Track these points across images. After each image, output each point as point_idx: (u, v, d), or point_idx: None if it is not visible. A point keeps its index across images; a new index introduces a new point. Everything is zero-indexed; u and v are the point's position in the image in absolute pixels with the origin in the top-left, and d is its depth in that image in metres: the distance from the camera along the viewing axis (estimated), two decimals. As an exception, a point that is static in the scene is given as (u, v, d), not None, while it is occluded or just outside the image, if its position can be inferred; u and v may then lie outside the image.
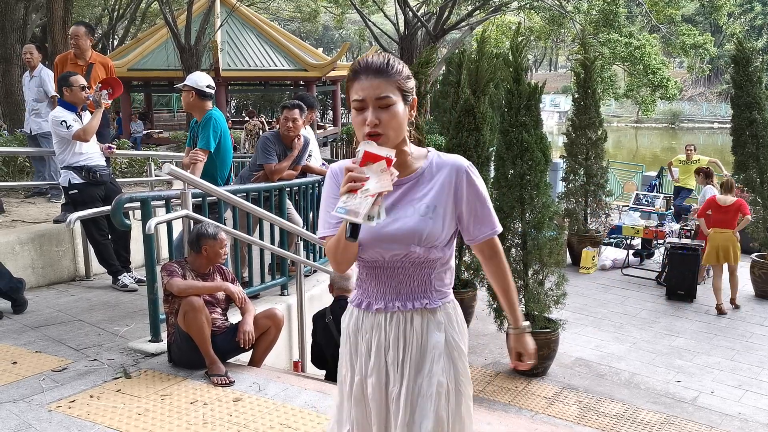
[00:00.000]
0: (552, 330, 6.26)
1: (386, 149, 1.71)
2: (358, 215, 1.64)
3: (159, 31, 18.50)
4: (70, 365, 3.89)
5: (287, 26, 34.23)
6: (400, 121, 1.82)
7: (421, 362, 1.91)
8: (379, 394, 1.94)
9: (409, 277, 1.91)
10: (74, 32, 6.50)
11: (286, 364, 4.91)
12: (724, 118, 40.06)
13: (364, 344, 1.97)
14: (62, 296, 5.41)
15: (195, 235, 3.94)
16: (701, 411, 5.63)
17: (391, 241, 1.86)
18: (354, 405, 2.00)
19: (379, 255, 1.90)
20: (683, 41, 19.89)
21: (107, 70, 6.66)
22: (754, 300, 8.65)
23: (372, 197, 1.64)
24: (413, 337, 1.91)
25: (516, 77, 6.59)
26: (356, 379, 1.99)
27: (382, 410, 1.95)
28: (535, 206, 6.42)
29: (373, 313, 1.96)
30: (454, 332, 1.94)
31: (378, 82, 1.79)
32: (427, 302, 1.92)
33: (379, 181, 1.66)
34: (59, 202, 6.96)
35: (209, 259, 3.93)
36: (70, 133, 5.16)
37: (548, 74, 56.88)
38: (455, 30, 21.82)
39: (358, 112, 1.81)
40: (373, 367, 1.95)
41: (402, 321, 1.92)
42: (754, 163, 8.80)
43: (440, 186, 1.88)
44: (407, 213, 1.87)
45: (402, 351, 1.92)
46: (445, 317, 1.94)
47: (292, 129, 5.26)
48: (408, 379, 1.90)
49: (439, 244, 1.88)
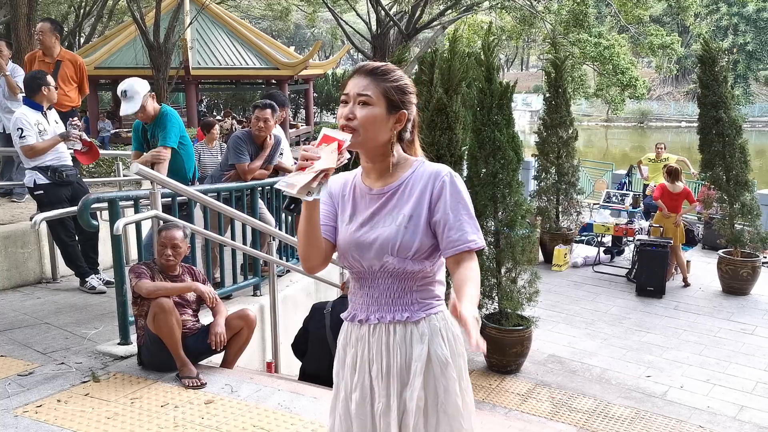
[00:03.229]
0: (525, 327, 6.30)
1: (343, 133, 1.75)
2: (294, 188, 1.66)
3: (127, 29, 18.21)
4: (37, 369, 3.81)
5: (258, 24, 33.98)
6: (375, 124, 1.81)
7: (406, 376, 1.87)
8: (362, 411, 1.91)
9: (389, 288, 1.89)
10: (39, 29, 6.36)
11: (259, 365, 4.86)
12: (691, 117, 40.75)
13: (350, 358, 1.95)
14: (28, 299, 5.29)
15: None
16: (671, 405, 5.72)
17: (366, 250, 1.85)
18: (340, 422, 1.97)
19: (357, 263, 1.89)
20: (651, 41, 20.21)
21: (77, 67, 6.52)
22: (722, 296, 8.82)
23: (314, 173, 1.67)
24: (397, 351, 1.87)
25: (488, 76, 6.62)
26: (342, 395, 1.97)
27: (365, 427, 1.91)
28: (508, 205, 6.45)
29: (357, 325, 1.94)
30: (438, 346, 1.86)
31: (366, 81, 1.83)
32: (408, 315, 1.88)
33: (326, 160, 1.69)
34: (21, 201, 6.81)
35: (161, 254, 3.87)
36: (21, 143, 5.02)
37: (520, 73, 57.36)
38: (427, 29, 21.86)
39: (343, 106, 1.85)
40: (357, 382, 1.92)
41: (384, 334, 1.89)
42: (721, 161, 8.95)
43: (418, 195, 1.85)
44: (385, 222, 1.86)
45: (385, 364, 1.87)
46: (429, 329, 1.87)
47: (264, 129, 5.21)
48: (395, 395, 1.86)
49: (416, 257, 1.83)
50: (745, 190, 8.89)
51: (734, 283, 8.81)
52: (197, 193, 4.45)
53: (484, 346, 1.56)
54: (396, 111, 1.85)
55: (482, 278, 6.34)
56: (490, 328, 6.29)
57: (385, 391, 1.87)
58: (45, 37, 6.26)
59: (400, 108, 1.85)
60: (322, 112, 28.72)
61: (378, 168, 1.90)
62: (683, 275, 9.24)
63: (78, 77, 6.55)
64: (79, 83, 6.58)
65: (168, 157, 4.79)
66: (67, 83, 6.42)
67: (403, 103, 1.86)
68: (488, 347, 6.36)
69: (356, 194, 1.94)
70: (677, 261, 9.27)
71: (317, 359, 4.24)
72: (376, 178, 1.91)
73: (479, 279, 1.82)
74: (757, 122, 42.39)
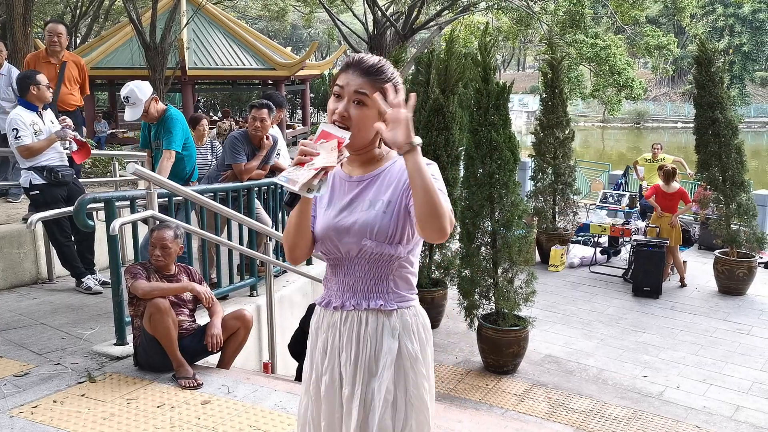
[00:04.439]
0: (522, 327, 6.31)
1: (342, 131, 1.77)
2: (296, 184, 1.68)
3: (123, 29, 18.17)
4: (33, 370, 3.80)
5: (255, 25, 33.96)
6: (369, 125, 1.83)
7: (374, 367, 1.89)
8: (332, 395, 1.94)
9: (366, 274, 1.91)
10: (55, 30, 6.27)
11: (255, 366, 4.86)
12: (687, 117, 40.88)
13: (321, 343, 1.98)
14: (24, 299, 5.27)
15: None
16: (667, 405, 5.73)
17: (344, 233, 1.88)
18: (311, 402, 2.00)
19: (334, 248, 1.92)
20: (647, 42, 20.24)
21: (79, 68, 6.55)
22: (718, 296, 8.83)
23: (315, 170, 1.69)
24: (367, 341, 1.90)
25: (484, 77, 6.62)
26: (313, 377, 2.00)
27: (334, 410, 1.94)
28: (504, 205, 6.45)
29: (330, 312, 1.97)
30: (408, 340, 1.90)
31: (362, 80, 1.83)
32: (383, 303, 1.90)
33: (327, 158, 1.71)
34: (17, 201, 6.80)
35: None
36: (17, 144, 5.02)
37: (516, 74, 57.42)
38: (424, 30, 21.89)
39: (335, 99, 1.85)
40: (327, 366, 1.95)
41: (356, 322, 1.92)
42: (717, 162, 8.96)
43: (397, 183, 1.88)
44: (363, 207, 1.88)
45: (354, 354, 1.90)
46: (400, 323, 1.91)
47: (260, 129, 5.22)
48: (361, 383, 1.89)
49: (392, 240, 1.86)
50: (741, 191, 8.90)
51: (730, 283, 8.83)
52: (194, 193, 4.45)
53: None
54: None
55: (479, 279, 6.34)
56: (486, 329, 6.29)
57: (352, 379, 1.90)
58: (62, 39, 6.28)
59: None
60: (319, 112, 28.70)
61: (362, 159, 1.94)
62: (680, 276, 9.25)
63: (81, 78, 6.58)
64: (81, 84, 6.61)
65: (173, 161, 4.86)
66: (72, 83, 6.47)
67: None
68: (485, 347, 6.39)
69: (335, 181, 1.98)
70: (675, 262, 9.28)
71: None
72: (358, 166, 1.95)
73: (442, 195, 1.71)
74: (753, 123, 42.51)
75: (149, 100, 4.97)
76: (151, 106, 4.99)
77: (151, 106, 4.99)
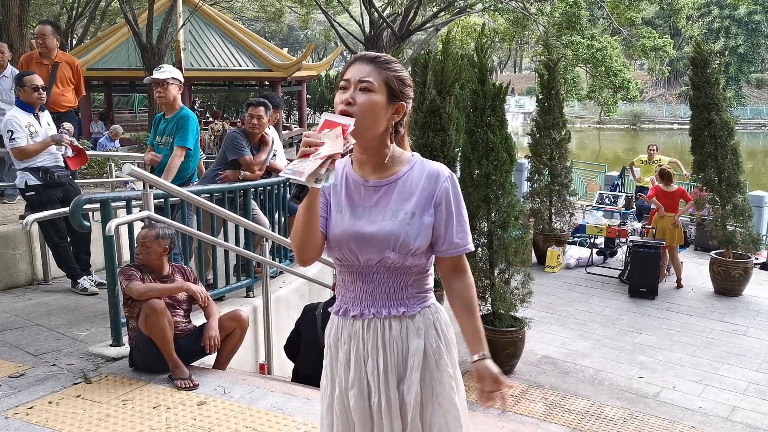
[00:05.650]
0: (518, 328, 6.31)
1: (345, 118, 1.71)
2: (302, 175, 1.62)
3: (119, 30, 18.13)
4: (28, 371, 3.78)
5: (251, 26, 33.94)
6: (375, 112, 1.79)
7: (403, 370, 1.87)
8: (361, 406, 1.89)
9: (385, 282, 1.87)
10: (40, 31, 6.29)
11: (251, 367, 4.85)
12: (683, 119, 40.99)
13: (343, 355, 1.92)
14: (19, 301, 5.26)
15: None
16: (663, 406, 5.74)
17: (365, 243, 1.83)
18: (336, 418, 1.94)
19: (353, 257, 1.86)
20: (644, 44, 20.31)
21: (74, 69, 6.53)
22: (714, 296, 8.85)
23: (321, 159, 1.63)
24: (393, 345, 1.86)
25: (481, 78, 6.63)
26: (336, 392, 1.94)
27: (366, 423, 1.89)
28: (501, 206, 6.46)
29: (350, 321, 1.91)
30: (432, 338, 1.89)
31: (368, 68, 1.81)
32: (405, 310, 1.87)
33: (332, 146, 1.65)
34: (12, 202, 6.78)
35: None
36: (11, 145, 5.01)
37: (513, 75, 57.48)
38: (420, 31, 21.90)
39: (342, 92, 1.82)
40: (353, 378, 1.90)
41: (380, 328, 1.87)
42: (713, 163, 8.99)
43: (420, 192, 1.84)
44: (386, 216, 1.83)
45: (382, 360, 1.86)
46: (423, 323, 1.89)
47: (258, 126, 5.23)
48: (391, 389, 1.86)
49: (415, 252, 1.83)
50: (737, 192, 8.93)
51: (726, 284, 8.84)
52: (190, 194, 4.44)
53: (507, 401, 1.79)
54: (395, 101, 1.83)
55: (475, 279, 6.34)
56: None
57: (384, 386, 1.86)
58: (47, 40, 6.25)
59: (399, 99, 1.84)
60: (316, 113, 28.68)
61: (373, 161, 1.87)
62: (677, 276, 9.26)
63: (75, 79, 6.55)
64: (75, 85, 6.58)
65: (182, 157, 4.89)
66: (65, 84, 6.44)
67: (403, 94, 1.85)
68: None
69: (349, 184, 1.91)
70: (673, 263, 9.28)
71: (309, 360, 4.22)
72: (371, 170, 1.88)
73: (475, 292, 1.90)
74: (749, 124, 42.63)
75: (175, 80, 5.02)
76: (173, 88, 5.02)
77: (174, 87, 5.03)
